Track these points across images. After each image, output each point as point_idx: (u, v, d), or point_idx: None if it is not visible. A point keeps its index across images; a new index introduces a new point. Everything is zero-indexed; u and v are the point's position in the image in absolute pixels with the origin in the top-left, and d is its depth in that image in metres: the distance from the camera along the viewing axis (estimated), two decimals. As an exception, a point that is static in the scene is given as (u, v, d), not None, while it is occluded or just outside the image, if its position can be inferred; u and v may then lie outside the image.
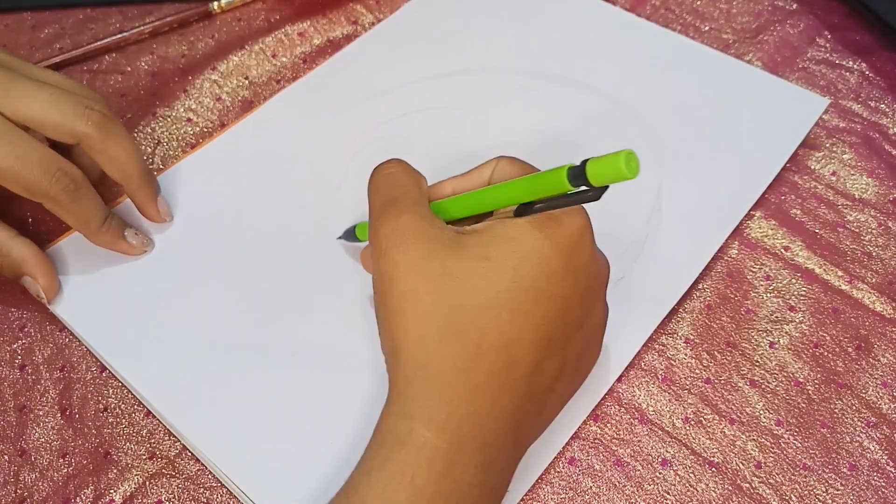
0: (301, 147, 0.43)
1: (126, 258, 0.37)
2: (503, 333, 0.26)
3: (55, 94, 0.33)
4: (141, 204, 0.37)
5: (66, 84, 0.35)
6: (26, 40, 0.50)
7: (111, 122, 0.34)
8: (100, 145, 0.34)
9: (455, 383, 0.26)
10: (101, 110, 0.34)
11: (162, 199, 0.38)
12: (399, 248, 0.27)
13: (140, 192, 0.37)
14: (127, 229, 0.37)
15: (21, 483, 0.32)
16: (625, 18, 0.50)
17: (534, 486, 0.32)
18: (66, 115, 0.33)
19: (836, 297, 0.38)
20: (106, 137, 0.34)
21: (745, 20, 0.52)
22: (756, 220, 0.41)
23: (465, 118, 0.44)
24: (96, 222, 0.35)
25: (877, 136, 0.45)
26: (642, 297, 0.36)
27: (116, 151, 0.35)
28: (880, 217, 0.42)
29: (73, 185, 0.33)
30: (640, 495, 0.32)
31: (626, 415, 0.34)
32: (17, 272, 0.35)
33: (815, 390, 0.35)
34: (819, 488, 0.32)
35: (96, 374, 0.35)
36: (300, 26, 0.51)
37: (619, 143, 0.43)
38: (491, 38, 0.49)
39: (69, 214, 0.34)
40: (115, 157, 0.35)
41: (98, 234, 0.35)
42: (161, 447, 0.33)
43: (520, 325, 0.27)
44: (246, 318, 0.35)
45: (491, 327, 0.26)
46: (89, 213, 0.35)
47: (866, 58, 0.50)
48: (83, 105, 0.33)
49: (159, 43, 0.50)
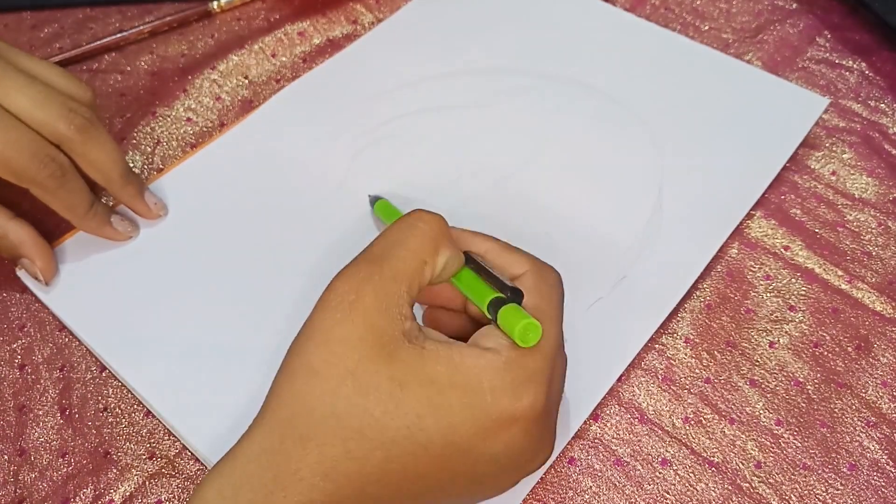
0: (301, 147, 0.43)
1: (125, 258, 0.37)
2: (365, 468, 0.24)
3: (42, 92, 0.33)
4: (128, 203, 0.38)
5: (57, 80, 0.35)
6: (26, 40, 0.50)
7: (93, 126, 0.34)
8: (80, 149, 0.34)
9: (291, 493, 0.23)
10: (83, 114, 0.34)
11: (150, 194, 0.39)
12: (336, 316, 0.25)
13: (123, 193, 0.37)
14: (113, 215, 0.37)
15: (20, 483, 0.32)
16: (624, 18, 0.50)
17: (534, 487, 0.32)
18: (50, 116, 0.33)
19: (836, 296, 0.38)
20: (86, 142, 0.34)
21: (745, 20, 0.52)
22: (756, 219, 0.41)
23: (466, 118, 0.44)
24: (83, 208, 0.35)
25: (877, 135, 0.45)
26: (643, 297, 0.36)
27: (97, 155, 0.35)
28: (880, 216, 0.42)
29: (59, 171, 0.34)
30: (640, 495, 0.32)
31: (626, 414, 0.34)
32: (15, 254, 0.36)
33: (815, 390, 0.35)
34: (819, 488, 0.32)
35: (96, 374, 0.35)
36: (300, 26, 0.51)
37: (620, 142, 0.43)
38: (491, 39, 0.49)
39: (56, 200, 0.34)
40: (95, 160, 0.35)
41: (84, 219, 0.36)
42: (161, 447, 0.33)
43: (389, 471, 0.24)
44: (246, 319, 0.35)
45: (356, 457, 0.23)
46: (76, 198, 0.35)
47: (866, 57, 0.50)
48: (67, 108, 0.34)
49: (159, 42, 0.50)
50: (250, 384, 0.33)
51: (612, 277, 0.37)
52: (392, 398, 0.24)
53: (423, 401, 0.24)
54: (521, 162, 0.42)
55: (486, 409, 0.24)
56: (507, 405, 0.24)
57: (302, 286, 0.37)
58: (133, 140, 0.44)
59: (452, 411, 0.24)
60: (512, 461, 0.26)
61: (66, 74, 0.36)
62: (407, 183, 0.41)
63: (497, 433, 0.24)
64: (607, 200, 0.40)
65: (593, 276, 0.37)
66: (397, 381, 0.24)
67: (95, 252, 0.37)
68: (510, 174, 0.41)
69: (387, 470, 0.24)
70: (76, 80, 0.36)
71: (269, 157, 0.42)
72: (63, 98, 0.34)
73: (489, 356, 0.25)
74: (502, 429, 0.24)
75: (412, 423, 0.24)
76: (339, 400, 0.24)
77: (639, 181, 0.41)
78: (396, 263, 0.26)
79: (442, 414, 0.24)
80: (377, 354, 0.24)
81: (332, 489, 0.24)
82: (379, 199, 0.38)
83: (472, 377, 0.24)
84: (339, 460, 0.24)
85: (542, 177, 0.41)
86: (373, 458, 0.24)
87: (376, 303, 0.25)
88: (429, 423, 0.24)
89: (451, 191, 0.41)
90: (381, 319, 0.25)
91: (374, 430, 0.24)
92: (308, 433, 0.24)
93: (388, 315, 0.25)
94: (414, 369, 0.24)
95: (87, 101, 0.36)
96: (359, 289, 0.25)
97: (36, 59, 0.35)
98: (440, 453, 0.24)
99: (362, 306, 0.25)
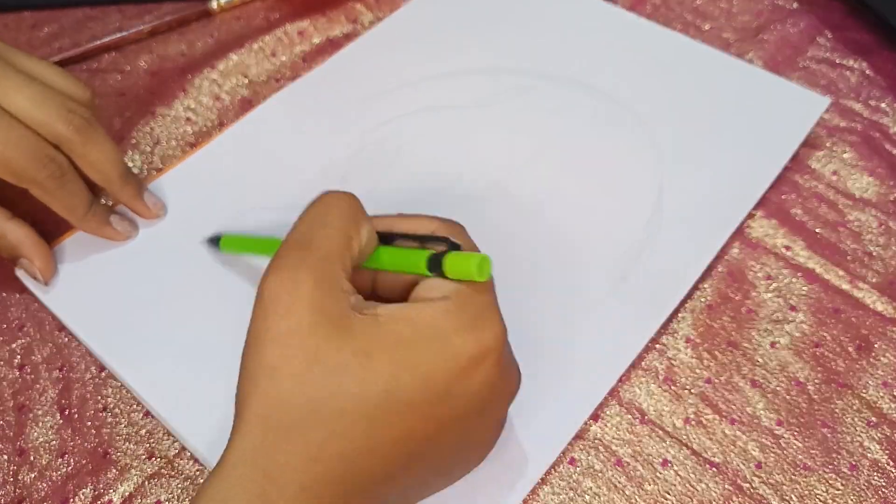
0: (300, 146, 0.43)
1: (125, 258, 0.37)
2: (353, 442, 0.24)
3: (41, 92, 0.33)
4: (127, 204, 0.38)
5: (56, 80, 0.35)
6: (25, 39, 0.50)
7: (92, 127, 0.34)
8: (80, 149, 0.34)
9: (283, 484, 0.23)
10: (82, 114, 0.34)
11: (150, 194, 0.39)
12: (279, 310, 0.24)
13: (122, 193, 0.37)
14: (112, 215, 0.37)
15: (20, 483, 0.32)
16: (625, 17, 0.50)
17: (534, 487, 0.32)
18: (49, 116, 0.33)
19: (837, 296, 0.38)
20: (85, 143, 0.34)
21: (746, 19, 0.52)
22: (757, 219, 0.41)
23: (465, 118, 0.44)
24: (82, 209, 0.35)
25: (877, 135, 0.45)
26: (643, 297, 0.36)
27: (96, 156, 0.35)
28: (881, 217, 0.41)
29: (59, 172, 0.34)
30: (641, 495, 0.32)
31: (627, 415, 0.34)
32: (14, 254, 0.36)
33: (816, 390, 0.35)
34: (819, 488, 0.32)
35: (95, 374, 0.35)
36: (300, 25, 0.51)
37: (620, 142, 0.43)
38: (491, 38, 0.49)
39: (55, 200, 0.34)
40: (95, 161, 0.35)
41: (84, 220, 0.36)
42: (160, 447, 0.33)
43: (377, 438, 0.24)
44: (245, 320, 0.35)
45: (341, 434, 0.23)
46: (75, 199, 0.35)
47: (867, 57, 0.50)
48: (66, 108, 0.34)
49: (158, 42, 0.50)
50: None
51: (612, 277, 0.37)
52: (363, 369, 0.24)
53: (395, 362, 0.24)
54: (521, 162, 0.42)
55: (455, 351, 0.24)
56: (474, 342, 0.25)
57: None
58: (133, 140, 0.44)
59: (425, 362, 0.24)
60: (492, 394, 0.26)
61: (65, 74, 0.36)
62: (406, 182, 0.41)
63: (471, 371, 0.25)
64: (607, 200, 0.40)
65: (593, 276, 0.37)
66: (363, 353, 0.24)
67: (95, 252, 0.37)
68: (510, 174, 0.41)
69: (374, 437, 0.24)
70: (75, 80, 0.36)
71: (268, 157, 0.42)
72: (62, 98, 0.34)
73: (442, 303, 0.25)
74: (475, 365, 0.25)
75: (389, 385, 0.24)
76: (310, 388, 0.24)
77: (639, 181, 0.41)
78: (324, 243, 0.26)
79: (416, 368, 0.24)
80: (334, 334, 0.24)
81: (322, 471, 0.23)
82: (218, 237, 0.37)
83: (434, 326, 0.25)
84: (326, 441, 0.23)
85: (542, 176, 0.41)
86: (357, 431, 0.24)
87: (316, 285, 0.24)
88: (405, 380, 0.24)
89: (451, 191, 0.41)
90: (327, 300, 0.24)
91: (353, 404, 0.24)
92: (289, 424, 0.23)
93: (332, 294, 0.25)
94: (376, 337, 0.24)
95: (85, 102, 0.36)
96: (294, 277, 0.25)
97: (35, 59, 0.35)
98: (422, 406, 0.24)
99: (303, 293, 0.24)
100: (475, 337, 0.25)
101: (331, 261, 0.25)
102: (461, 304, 0.25)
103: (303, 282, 0.24)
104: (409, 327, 0.24)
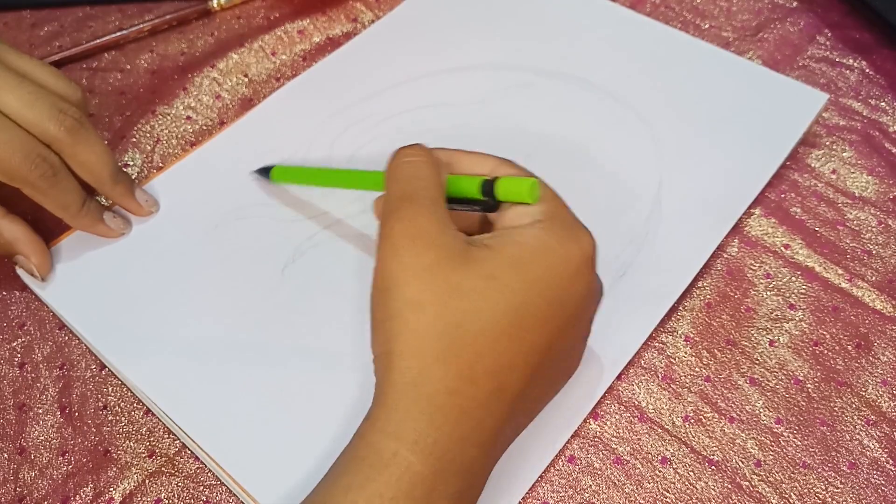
0: (301, 145, 0.43)
1: (125, 255, 0.37)
2: (498, 359, 0.26)
3: (33, 92, 0.33)
4: (118, 202, 0.38)
5: (48, 79, 0.35)
6: (25, 38, 0.50)
7: (82, 127, 0.34)
8: (70, 150, 0.34)
9: (445, 407, 0.25)
10: (73, 115, 0.34)
11: (142, 192, 0.39)
12: (412, 251, 0.27)
13: (113, 192, 0.37)
14: (105, 213, 0.38)
15: (20, 481, 0.32)
16: (625, 15, 0.50)
17: (533, 485, 0.32)
18: (41, 116, 0.33)
19: (836, 295, 0.38)
20: (76, 143, 0.34)
21: (746, 18, 0.52)
22: (756, 217, 0.41)
23: (465, 115, 0.44)
24: (75, 207, 0.36)
25: (877, 134, 0.45)
26: (642, 294, 0.36)
27: (86, 156, 0.35)
28: (880, 215, 0.41)
29: (51, 171, 0.34)
30: (640, 493, 0.32)
31: (626, 413, 0.34)
32: (10, 251, 0.36)
33: (815, 388, 0.35)
34: (819, 486, 0.32)
35: (96, 372, 0.35)
36: (300, 24, 0.51)
37: (619, 139, 0.43)
38: (490, 35, 0.49)
39: (48, 199, 0.35)
40: (85, 161, 0.35)
41: (77, 218, 0.36)
42: (160, 445, 0.33)
43: (514, 351, 0.26)
44: (245, 316, 0.35)
45: (487, 352, 0.26)
46: (68, 197, 0.35)
47: (866, 56, 0.50)
48: (57, 108, 0.34)
49: (159, 41, 0.50)
50: (249, 380, 0.33)
51: (610, 274, 0.37)
52: (492, 290, 0.26)
53: (517, 279, 0.26)
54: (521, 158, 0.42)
55: (563, 260, 0.28)
56: (577, 249, 0.28)
57: (300, 283, 0.37)
58: (133, 138, 0.44)
59: (542, 275, 0.27)
60: (590, 296, 0.29)
61: (57, 74, 0.36)
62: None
63: (577, 277, 0.28)
64: (606, 197, 0.40)
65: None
66: (489, 276, 0.26)
67: (95, 249, 0.37)
68: (510, 172, 0.41)
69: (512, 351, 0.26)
70: (66, 80, 0.36)
71: (268, 155, 0.42)
72: (53, 98, 0.34)
73: (539, 224, 0.28)
74: (579, 271, 0.28)
75: (516, 300, 0.26)
76: (451, 314, 0.26)
77: (638, 177, 0.41)
78: (427, 192, 0.29)
79: (536, 282, 0.27)
80: (461, 265, 0.27)
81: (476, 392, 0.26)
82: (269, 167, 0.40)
83: (542, 243, 0.27)
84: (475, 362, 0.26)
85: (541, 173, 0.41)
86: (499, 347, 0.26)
87: (436, 227, 0.27)
88: (529, 294, 0.27)
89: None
90: (447, 238, 0.27)
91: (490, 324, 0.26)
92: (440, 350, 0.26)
93: (450, 233, 0.27)
94: (496, 261, 0.27)
95: (76, 101, 0.35)
96: (415, 223, 0.27)
97: (26, 58, 0.35)
98: (546, 316, 0.27)
99: (430, 235, 0.27)
100: (577, 245, 0.28)
101: (438, 205, 0.28)
102: (555, 222, 0.28)
103: (424, 226, 0.27)
104: (520, 248, 0.27)
